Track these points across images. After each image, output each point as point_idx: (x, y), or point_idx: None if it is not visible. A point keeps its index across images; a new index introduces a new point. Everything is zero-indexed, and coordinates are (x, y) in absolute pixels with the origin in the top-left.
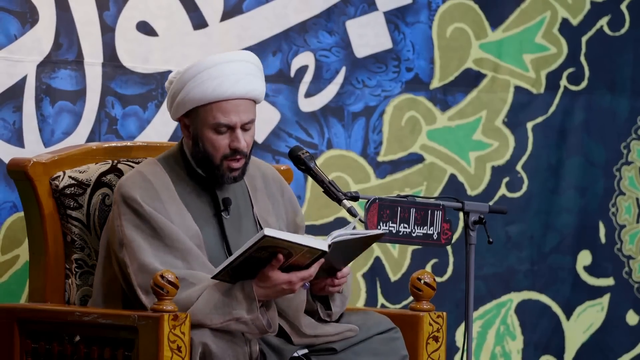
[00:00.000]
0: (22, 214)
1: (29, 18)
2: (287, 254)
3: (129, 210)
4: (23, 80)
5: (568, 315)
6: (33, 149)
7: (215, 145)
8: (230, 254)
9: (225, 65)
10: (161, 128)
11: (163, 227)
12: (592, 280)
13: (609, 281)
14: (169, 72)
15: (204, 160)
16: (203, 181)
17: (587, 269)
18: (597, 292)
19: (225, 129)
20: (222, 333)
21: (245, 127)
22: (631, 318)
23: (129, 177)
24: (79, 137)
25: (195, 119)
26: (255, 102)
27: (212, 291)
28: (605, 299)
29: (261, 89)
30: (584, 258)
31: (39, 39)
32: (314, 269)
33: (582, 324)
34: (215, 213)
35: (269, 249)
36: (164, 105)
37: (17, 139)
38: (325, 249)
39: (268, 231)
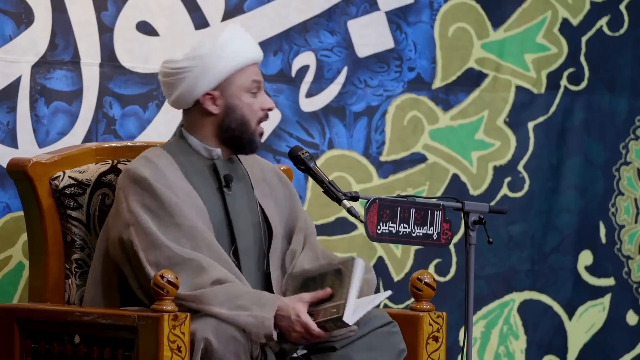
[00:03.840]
0: (15, 214)
1: (24, 19)
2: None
3: (139, 189)
4: (17, 80)
5: (570, 315)
6: (27, 149)
7: (253, 109)
8: (231, 227)
9: (244, 32)
10: (162, 128)
11: (171, 204)
12: (593, 280)
13: (610, 281)
14: None
15: (240, 127)
16: (204, 160)
17: (588, 268)
18: (598, 292)
19: (257, 90)
20: (224, 330)
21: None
22: (631, 318)
23: (133, 162)
24: (75, 137)
25: (229, 87)
26: None
27: (230, 285)
28: (607, 299)
29: None
30: (585, 258)
31: (35, 40)
32: (325, 336)
33: (584, 324)
34: (218, 188)
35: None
36: (166, 105)
37: (11, 140)
38: (350, 323)
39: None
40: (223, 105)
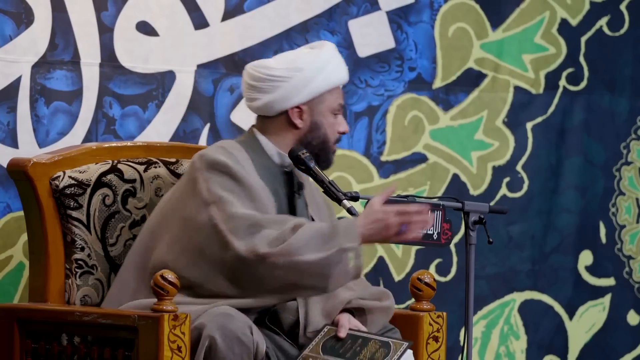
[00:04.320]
0: (15, 214)
1: (24, 19)
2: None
3: (218, 172)
4: (17, 80)
5: (571, 315)
6: (27, 149)
7: (333, 130)
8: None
9: (337, 52)
10: (162, 128)
11: (251, 187)
12: (593, 280)
13: (610, 281)
14: (170, 72)
15: (320, 145)
16: (275, 165)
17: (588, 268)
18: (598, 292)
19: (338, 113)
20: (231, 330)
21: None
22: (632, 318)
23: (210, 149)
24: (75, 137)
25: (319, 105)
26: None
27: (311, 226)
28: (607, 299)
29: None
30: (586, 258)
31: (34, 40)
32: (408, 209)
33: (584, 324)
34: (287, 193)
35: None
36: (165, 105)
37: (11, 140)
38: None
39: None
40: (308, 121)
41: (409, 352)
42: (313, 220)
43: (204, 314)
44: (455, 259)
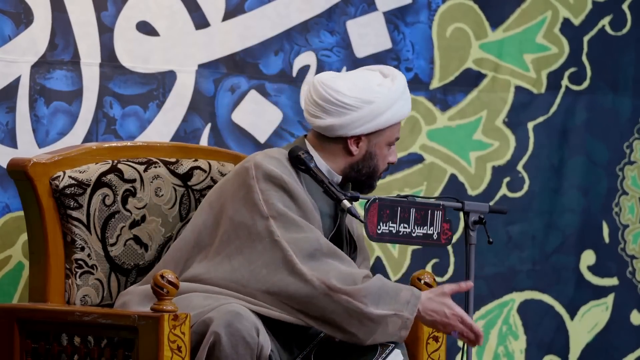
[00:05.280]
0: (15, 214)
1: (24, 19)
2: None
3: (274, 186)
4: (17, 80)
5: (572, 315)
6: (27, 149)
7: (385, 161)
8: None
9: (406, 86)
10: (162, 128)
11: (306, 205)
12: (596, 280)
13: (613, 281)
14: (171, 72)
15: (369, 174)
16: (323, 191)
17: (591, 268)
18: (601, 291)
19: (393, 145)
20: (238, 329)
21: None
22: (635, 318)
23: (263, 158)
24: (75, 137)
25: (378, 137)
26: None
27: (379, 280)
28: (610, 298)
29: None
30: (588, 258)
31: (34, 40)
32: (471, 324)
33: (586, 324)
34: (332, 215)
35: None
36: (166, 105)
37: (10, 140)
38: None
39: None
40: (364, 150)
41: (397, 352)
42: (353, 240)
43: (215, 309)
44: (452, 259)
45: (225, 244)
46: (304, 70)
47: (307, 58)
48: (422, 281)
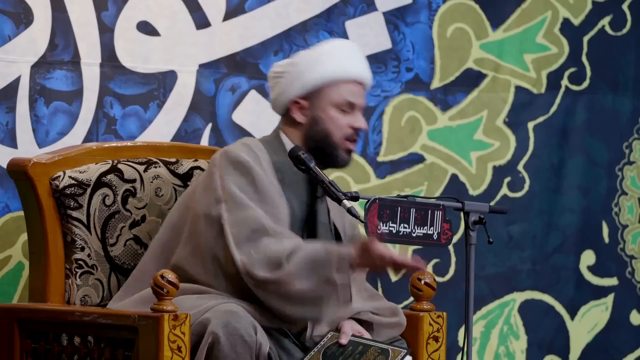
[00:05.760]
0: (14, 214)
1: (24, 19)
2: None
3: (237, 172)
4: (17, 81)
5: (572, 315)
6: (27, 149)
7: (338, 124)
8: (309, 237)
9: (354, 48)
10: (163, 128)
11: (267, 191)
12: (596, 280)
13: (613, 281)
14: (171, 72)
15: (323, 141)
16: (298, 171)
17: (591, 268)
18: (601, 292)
19: (348, 109)
20: (235, 329)
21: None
22: (635, 318)
23: (234, 146)
24: (75, 137)
25: (318, 99)
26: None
27: (306, 252)
28: (610, 298)
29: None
30: (588, 258)
31: (34, 40)
32: (403, 261)
33: (586, 324)
34: (307, 198)
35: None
36: (166, 105)
37: (10, 140)
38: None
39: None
40: (310, 116)
41: (408, 358)
42: (335, 226)
43: (211, 309)
44: (453, 259)
45: (190, 235)
46: None
47: None
48: (423, 281)
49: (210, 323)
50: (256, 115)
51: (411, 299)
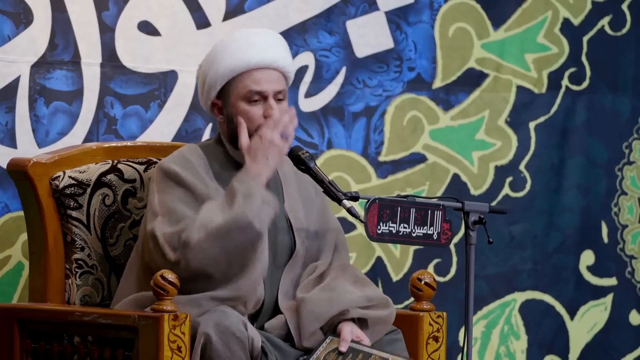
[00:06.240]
0: (14, 214)
1: (23, 19)
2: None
3: (168, 181)
4: (16, 81)
5: (572, 315)
6: (27, 149)
7: (249, 117)
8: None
9: (251, 36)
10: (164, 128)
11: (200, 194)
12: (595, 280)
13: (612, 281)
14: (172, 72)
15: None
16: (239, 168)
17: (590, 268)
18: (600, 292)
19: (257, 98)
20: (226, 326)
21: (277, 98)
22: (634, 318)
23: (167, 157)
24: (75, 137)
25: (227, 96)
26: (284, 76)
27: (216, 200)
28: (609, 298)
29: (289, 61)
30: (587, 258)
31: (34, 40)
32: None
33: (586, 324)
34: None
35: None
36: (167, 105)
37: (9, 140)
38: None
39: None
40: (226, 114)
41: None
42: (288, 221)
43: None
44: (454, 259)
45: (136, 254)
46: (302, 70)
47: (305, 58)
48: (423, 281)
49: (200, 325)
50: None
51: (411, 299)
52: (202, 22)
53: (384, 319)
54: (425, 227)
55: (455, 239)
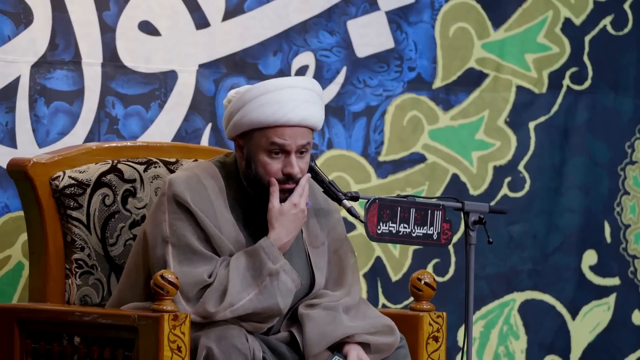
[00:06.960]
0: (14, 214)
1: (23, 19)
2: None
3: (181, 212)
4: (16, 81)
5: (574, 315)
6: (27, 149)
7: (267, 169)
8: None
9: (285, 92)
10: (165, 128)
11: (208, 229)
12: (598, 280)
13: (615, 281)
14: (172, 71)
15: (255, 183)
16: (254, 198)
17: (592, 268)
18: (603, 291)
19: (278, 153)
20: (228, 340)
21: (300, 151)
22: (637, 318)
23: (183, 176)
24: (76, 137)
25: (250, 142)
26: (312, 129)
27: (237, 265)
28: (612, 298)
29: (319, 117)
30: (590, 257)
31: (34, 40)
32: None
33: (588, 324)
34: (263, 221)
35: None
36: (168, 105)
37: (9, 140)
38: None
39: None
40: (246, 155)
41: None
42: (308, 254)
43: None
44: (453, 259)
45: (127, 268)
46: (303, 70)
47: (305, 58)
48: (422, 281)
49: (202, 338)
50: None
51: (411, 298)
52: (201, 22)
53: (388, 345)
54: (425, 227)
55: (454, 239)
